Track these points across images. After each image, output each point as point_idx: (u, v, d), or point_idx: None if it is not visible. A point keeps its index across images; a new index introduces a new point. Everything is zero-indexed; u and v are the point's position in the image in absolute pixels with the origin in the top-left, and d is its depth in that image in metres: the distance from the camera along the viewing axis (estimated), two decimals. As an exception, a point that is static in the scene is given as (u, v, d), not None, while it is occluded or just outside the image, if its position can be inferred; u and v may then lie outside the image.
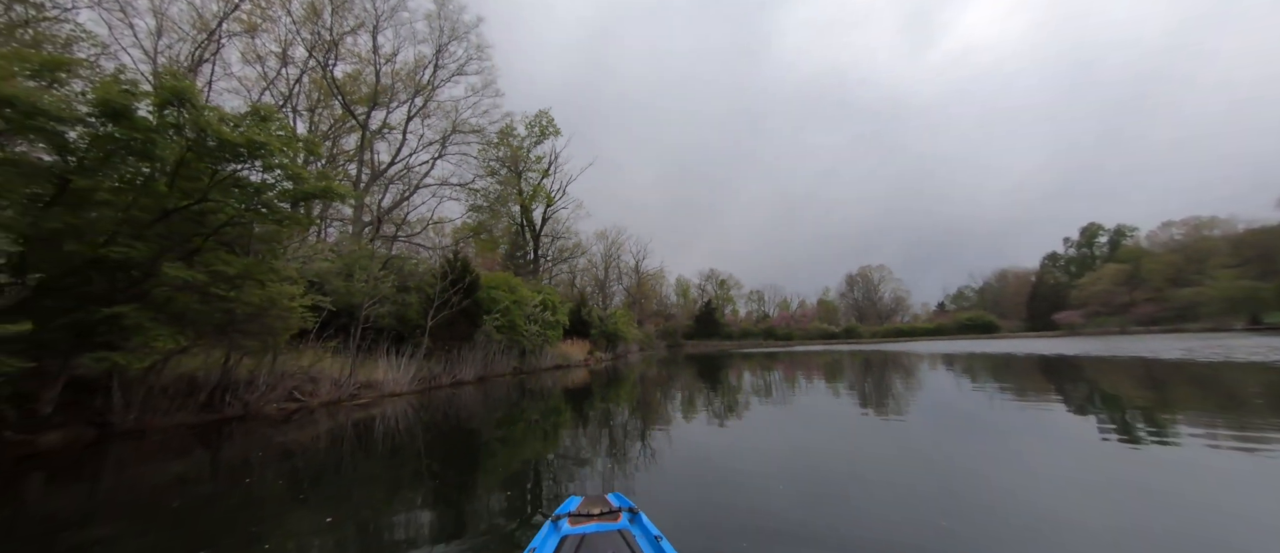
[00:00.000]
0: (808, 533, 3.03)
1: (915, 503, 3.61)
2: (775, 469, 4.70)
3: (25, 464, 5.86)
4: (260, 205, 7.29)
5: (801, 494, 3.89)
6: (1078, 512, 3.37)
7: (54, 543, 3.50)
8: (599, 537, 2.03)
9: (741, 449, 5.70)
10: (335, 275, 12.22)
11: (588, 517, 2.28)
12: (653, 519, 2.78)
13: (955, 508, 3.49)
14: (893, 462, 4.85)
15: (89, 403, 6.95)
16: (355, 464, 5.56)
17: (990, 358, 19.36)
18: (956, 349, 28.32)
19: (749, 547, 2.83)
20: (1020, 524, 3.21)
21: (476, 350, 16.13)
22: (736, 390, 11.62)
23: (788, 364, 20.79)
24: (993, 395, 9.03)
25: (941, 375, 13.22)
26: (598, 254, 51.41)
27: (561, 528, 2.20)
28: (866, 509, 3.51)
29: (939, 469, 4.51)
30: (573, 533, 2.09)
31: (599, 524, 2.19)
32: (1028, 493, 3.83)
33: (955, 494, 3.82)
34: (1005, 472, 4.41)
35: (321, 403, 10.11)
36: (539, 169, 35.27)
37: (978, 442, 5.63)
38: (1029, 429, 6.17)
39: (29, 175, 5.53)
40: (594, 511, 2.33)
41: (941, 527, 3.12)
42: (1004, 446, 5.43)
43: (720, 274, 79.88)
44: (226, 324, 7.64)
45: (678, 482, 4.41)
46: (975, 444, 5.51)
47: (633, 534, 2.07)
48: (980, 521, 3.26)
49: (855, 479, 4.31)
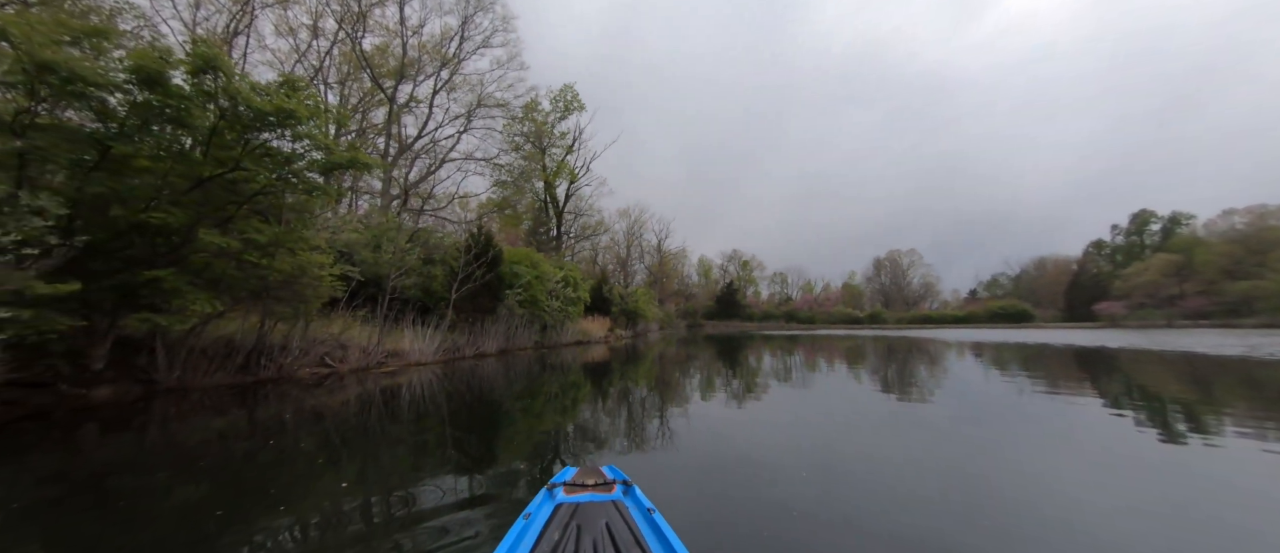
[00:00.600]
0: (817, 516, 3.02)
1: (930, 492, 3.51)
2: (789, 452, 4.62)
3: (80, 416, 6.25)
4: (290, 175, 7.42)
5: (813, 478, 3.80)
6: (1104, 510, 3.21)
7: (107, 488, 3.72)
8: (593, 506, 2.08)
9: (755, 430, 5.60)
10: (364, 246, 12.50)
11: (582, 487, 2.33)
12: (664, 496, 2.74)
13: (971, 499, 3.39)
14: (910, 451, 4.66)
15: (135, 361, 7.33)
16: (382, 429, 5.73)
17: (1023, 348, 18.65)
18: (986, 338, 27.40)
19: (756, 527, 2.82)
20: (1038, 520, 3.07)
21: (499, 324, 16.40)
22: (754, 372, 11.49)
23: (808, 347, 20.48)
24: (1022, 387, 8.69)
25: (968, 364, 12.80)
26: (620, 232, 51.39)
27: (556, 496, 2.26)
28: (878, 495, 3.42)
29: (958, 461, 4.36)
30: (567, 501, 2.14)
31: (593, 494, 2.24)
32: (1050, 489, 3.64)
33: (972, 484, 3.71)
34: (1027, 466, 4.20)
35: (351, 369, 10.47)
36: (563, 145, 35.12)
37: (1001, 433, 5.40)
38: (1058, 422, 5.89)
39: (73, 140, 5.72)
40: (589, 481, 2.38)
41: (957, 517, 3.04)
42: (1028, 438, 5.19)
43: (743, 255, 79.03)
44: (260, 290, 7.91)
45: (688, 460, 4.38)
46: (998, 436, 5.28)
47: (626, 506, 2.11)
48: (995, 514, 3.15)
49: (868, 463, 4.20)
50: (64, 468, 4.22)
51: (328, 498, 3.50)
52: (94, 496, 3.54)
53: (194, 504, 3.42)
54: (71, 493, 3.62)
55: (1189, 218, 60.09)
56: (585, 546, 1.76)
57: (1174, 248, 52.93)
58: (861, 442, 4.96)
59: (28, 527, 3.07)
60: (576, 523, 1.93)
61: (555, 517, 2.00)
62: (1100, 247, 69.13)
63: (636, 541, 1.80)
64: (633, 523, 1.94)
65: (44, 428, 5.68)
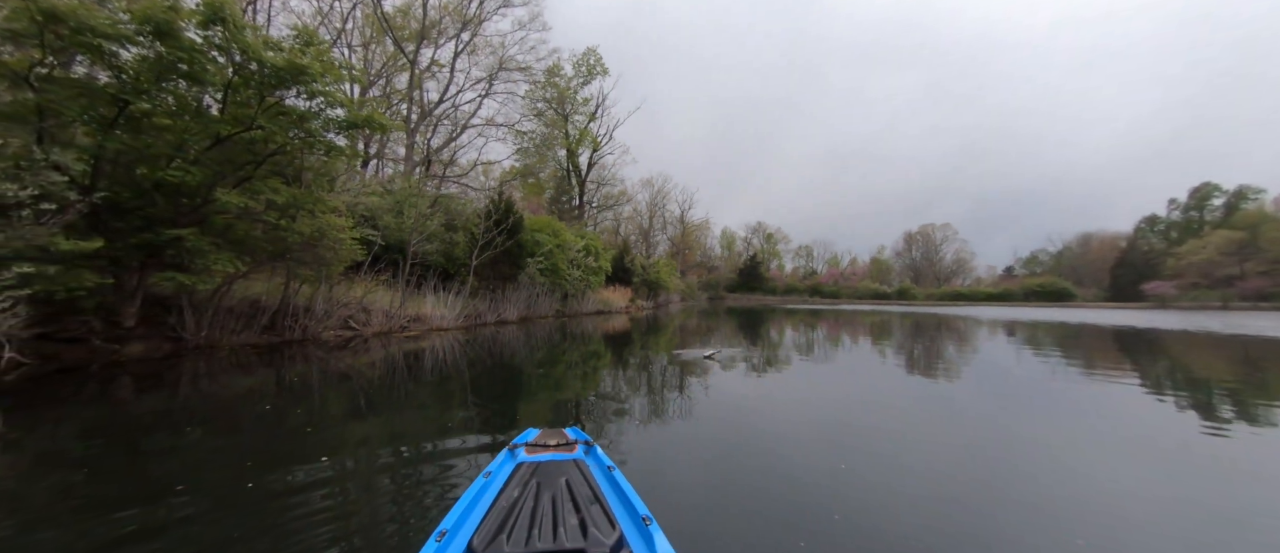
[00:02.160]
0: (828, 496, 2.91)
1: (948, 473, 3.30)
2: (803, 429, 4.44)
3: (114, 370, 6.41)
4: (307, 134, 7.27)
5: (828, 457, 3.63)
6: (1135, 495, 2.94)
7: (141, 441, 3.79)
8: (553, 465, 2.10)
9: (771, 404, 5.37)
10: (386, 212, 12.48)
11: (544, 447, 2.37)
12: (680, 476, 2.84)
13: (985, 480, 3.17)
14: (930, 430, 4.39)
15: (165, 320, 7.49)
16: (406, 391, 5.76)
17: (1061, 327, 17.68)
18: (1021, 316, 26.20)
19: (764, 504, 2.76)
20: (1061, 507, 2.81)
21: (520, 291, 16.39)
22: (775, 345, 11.17)
23: (832, 322, 19.95)
24: (1055, 367, 8.13)
25: (998, 343, 12.12)
26: (643, 202, 50.79)
27: (517, 456, 2.29)
28: (895, 479, 3.19)
29: (978, 440, 4.11)
30: (528, 461, 2.17)
31: (554, 454, 2.27)
32: (1082, 478, 3.28)
33: (989, 464, 3.46)
34: (1054, 450, 3.85)
35: (374, 333, 10.58)
36: (586, 112, 34.36)
37: (1025, 414, 5.03)
38: (1091, 407, 5.41)
39: (88, 95, 5.64)
40: (551, 442, 2.42)
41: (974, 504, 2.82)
42: (1056, 421, 4.78)
43: (768, 227, 77.41)
44: (282, 252, 7.91)
45: (700, 434, 4.25)
46: (1022, 416, 4.92)
47: (587, 464, 2.14)
48: (1012, 498, 2.92)
49: (886, 442, 3.97)
50: (101, 420, 4.34)
51: (350, 451, 3.57)
52: (131, 444, 3.66)
53: (226, 453, 3.53)
54: (112, 441, 3.74)
55: (1258, 192, 55.50)
56: (544, 502, 1.78)
57: (1238, 224, 49.11)
58: (879, 421, 4.67)
59: (75, 473, 3.14)
60: (536, 480, 1.94)
61: (515, 475, 2.02)
62: (1154, 222, 64.87)
63: (595, 496, 1.83)
64: (592, 480, 1.96)
65: (80, 382, 5.83)
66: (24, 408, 4.56)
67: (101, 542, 2.25)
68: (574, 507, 1.75)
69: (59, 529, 2.39)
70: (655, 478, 3.08)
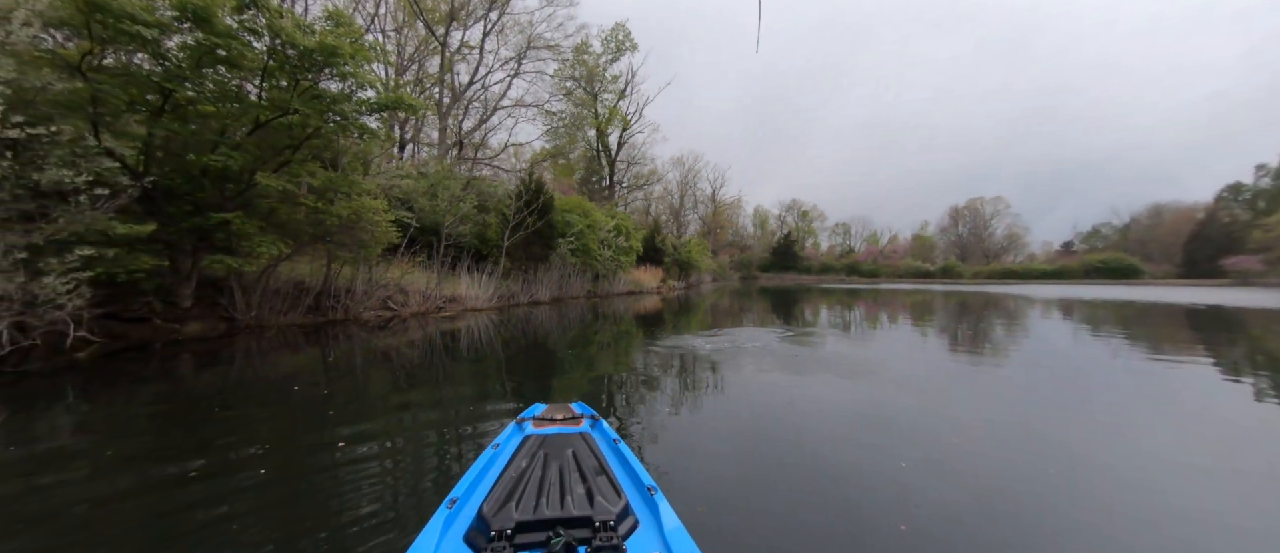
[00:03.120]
0: (854, 476, 2.82)
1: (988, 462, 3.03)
2: (832, 409, 4.24)
3: (175, 348, 6.79)
4: (340, 117, 7.35)
5: (856, 439, 3.47)
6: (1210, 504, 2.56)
7: (204, 414, 4.01)
8: (559, 438, 2.14)
9: (801, 386, 5.12)
10: (421, 195, 12.70)
11: (551, 421, 2.42)
12: (702, 451, 2.97)
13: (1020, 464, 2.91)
14: (971, 420, 4.02)
15: (217, 301, 7.87)
16: (443, 369, 5.93)
17: (1126, 306, 16.33)
18: (1080, 293, 24.44)
19: (790, 483, 2.73)
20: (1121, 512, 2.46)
21: (552, 272, 16.48)
22: (808, 326, 10.76)
23: (870, 302, 19.15)
24: (1116, 349, 7.44)
25: (1052, 323, 11.24)
26: (673, 181, 50.10)
27: (525, 429, 2.34)
28: (927, 471, 2.92)
29: (1024, 427, 3.78)
30: (535, 434, 2.20)
31: (561, 428, 2.31)
32: (1141, 478, 2.91)
33: (1031, 447, 3.19)
34: (1111, 449, 3.41)
35: (412, 313, 10.86)
36: (615, 89, 33.84)
37: (1078, 401, 4.58)
38: (1157, 395, 4.89)
39: (135, 83, 5.84)
40: (557, 416, 2.47)
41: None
42: (1114, 411, 4.29)
43: (803, 205, 75.12)
44: (322, 234, 8.13)
45: (730, 412, 4.17)
46: (1073, 403, 4.49)
47: (593, 437, 2.17)
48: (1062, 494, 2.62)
49: (920, 429, 3.70)
50: (165, 394, 4.66)
51: (391, 421, 3.78)
52: (198, 415, 3.94)
53: (285, 421, 3.82)
54: (182, 411, 4.05)
55: (1367, 155, 49.24)
56: (552, 472, 1.82)
57: (1341, 192, 43.91)
58: (918, 404, 4.38)
59: (149, 440, 3.44)
60: (543, 452, 1.98)
61: (523, 447, 2.06)
62: (1238, 191, 58.87)
63: (601, 467, 1.86)
64: (598, 452, 2.00)
65: (146, 358, 6.20)
66: (100, 382, 4.89)
67: (174, 498, 2.52)
68: (581, 477, 1.78)
69: (138, 482, 2.71)
70: (682, 458, 2.99)
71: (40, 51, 5.16)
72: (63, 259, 4.77)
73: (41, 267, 4.72)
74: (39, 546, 2.10)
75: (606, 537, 1.42)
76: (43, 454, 3.12)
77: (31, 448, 3.22)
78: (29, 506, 2.43)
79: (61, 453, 3.14)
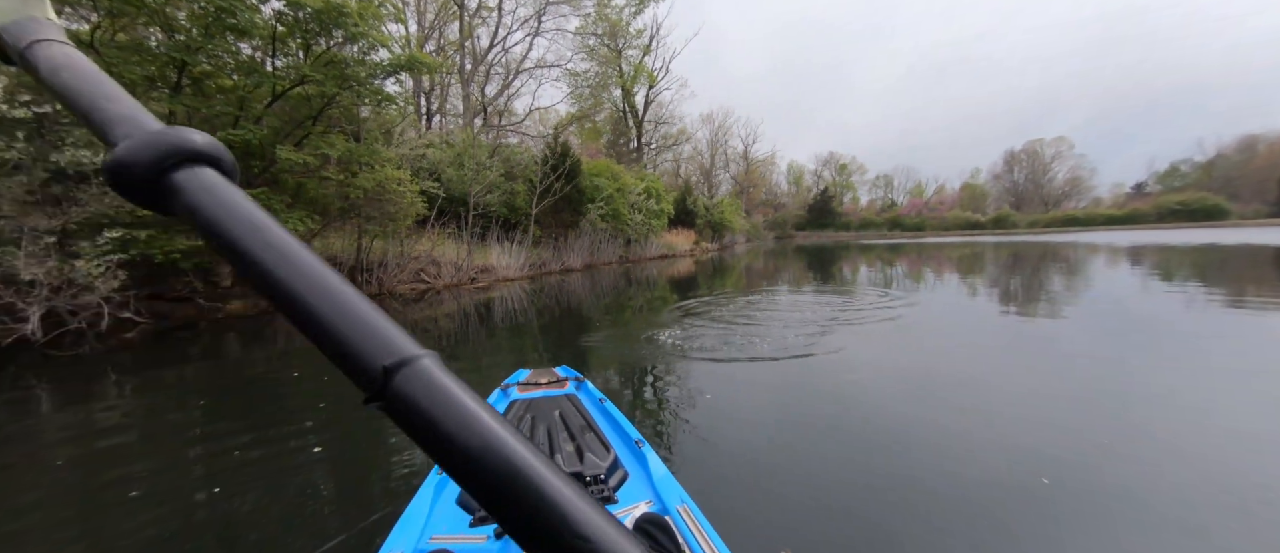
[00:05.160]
0: (890, 444, 2.62)
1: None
2: (871, 373, 3.95)
3: (219, 326, 6.93)
4: (355, 83, 7.06)
5: (892, 406, 3.19)
6: None
7: (254, 382, 4.22)
8: (546, 401, 2.16)
9: (835, 352, 4.75)
10: (448, 165, 12.51)
11: (536, 385, 2.44)
12: (729, 420, 2.95)
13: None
14: (1026, 379, 3.64)
15: (257, 278, 7.97)
16: (482, 337, 5.98)
17: (1209, 251, 14.58)
18: (1153, 239, 22.19)
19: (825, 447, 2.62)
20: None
21: (582, 239, 16.20)
22: (846, 285, 10.09)
23: (913, 257, 17.96)
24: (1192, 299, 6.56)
25: (1119, 274, 10.07)
26: (703, 139, 48.38)
27: (510, 394, 2.36)
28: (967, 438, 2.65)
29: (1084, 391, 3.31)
30: (521, 398, 2.22)
31: (546, 391, 2.34)
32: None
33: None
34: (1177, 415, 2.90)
35: (445, 285, 10.85)
36: (639, 45, 32.30)
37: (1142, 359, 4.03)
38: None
39: (147, 57, 5.69)
40: (542, 380, 2.50)
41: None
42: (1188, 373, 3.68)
43: (840, 158, 71.36)
44: (348, 208, 8.03)
45: (768, 379, 3.91)
46: (1138, 361, 3.95)
47: (579, 398, 2.20)
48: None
49: (971, 393, 3.35)
50: (218, 367, 4.85)
51: None
52: (246, 392, 4.09)
53: (325, 399, 3.85)
54: (235, 386, 4.21)
55: None
56: (540, 433, 1.84)
57: None
58: (963, 369, 4.02)
59: (206, 416, 3.54)
60: (530, 415, 1.99)
61: (509, 411, 2.07)
62: (1351, 116, 51.63)
63: (588, 425, 1.90)
64: (585, 411, 2.03)
65: (194, 336, 6.34)
66: (152, 359, 5.04)
67: (225, 462, 2.67)
68: (569, 436, 1.81)
69: (197, 449, 2.90)
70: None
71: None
72: (94, 242, 4.76)
73: (76, 250, 4.72)
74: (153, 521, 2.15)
75: (598, 489, 1.46)
76: (111, 428, 3.23)
77: (95, 423, 3.32)
78: (104, 475, 2.56)
79: (131, 427, 3.26)
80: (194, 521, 2.12)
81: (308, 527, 2.04)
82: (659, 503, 1.42)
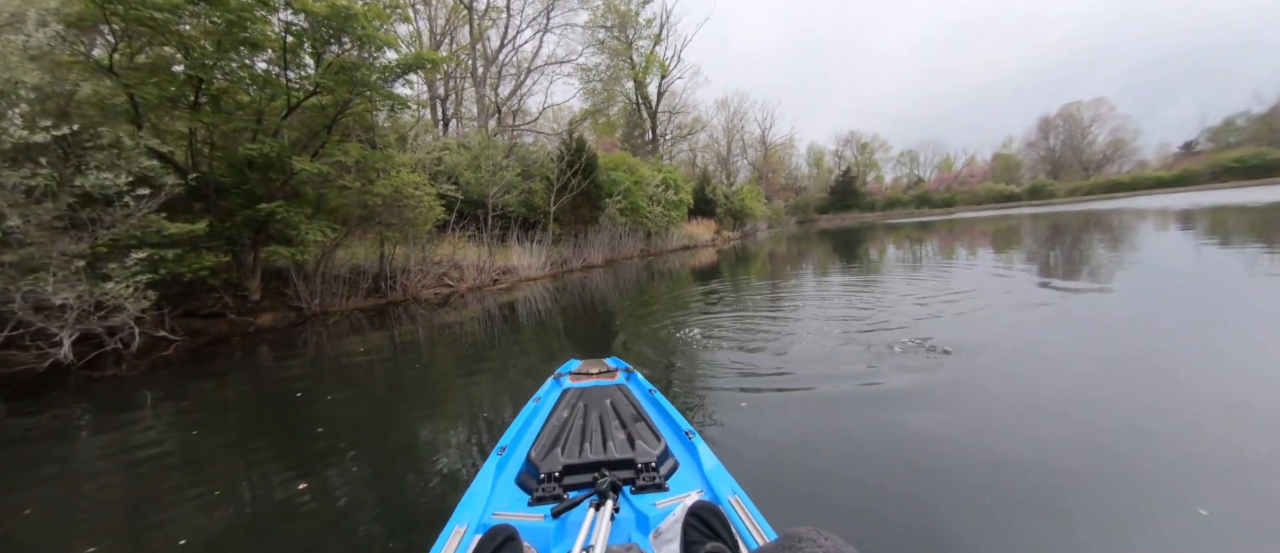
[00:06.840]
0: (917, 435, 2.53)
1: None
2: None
3: (251, 340, 7.02)
4: (365, 89, 7.01)
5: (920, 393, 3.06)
6: None
7: (288, 398, 4.23)
8: (597, 390, 2.21)
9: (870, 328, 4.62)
10: (465, 168, 12.52)
11: (587, 375, 2.50)
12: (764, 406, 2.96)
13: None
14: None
15: (283, 291, 8.06)
16: (506, 340, 5.98)
17: (1273, 211, 13.42)
18: (1207, 200, 20.63)
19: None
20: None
21: (602, 234, 16.05)
22: (871, 266, 9.66)
23: (944, 234, 17.13)
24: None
25: (1168, 239, 9.32)
26: (718, 127, 47.51)
27: (563, 383, 2.43)
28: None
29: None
30: (573, 387, 2.29)
31: (598, 381, 2.39)
32: None
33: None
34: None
35: (468, 288, 10.84)
36: (650, 34, 31.83)
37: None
38: None
39: (171, 79, 5.74)
40: (593, 370, 2.55)
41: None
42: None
43: (861, 136, 69.13)
44: (367, 215, 8.04)
45: (802, 369, 3.75)
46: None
47: (629, 388, 2.24)
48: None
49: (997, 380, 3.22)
50: (253, 379, 4.97)
51: (455, 395, 3.97)
52: (285, 400, 4.18)
53: (363, 402, 4.06)
54: (266, 397, 4.32)
55: None
56: (593, 420, 1.88)
57: None
58: (1004, 349, 3.84)
59: (243, 427, 3.68)
60: (583, 403, 2.05)
61: (563, 399, 2.14)
62: None
63: (639, 414, 1.93)
64: (635, 401, 2.07)
65: (228, 351, 6.42)
66: (190, 375, 5.14)
67: (266, 471, 2.76)
68: (620, 424, 1.84)
69: (238, 462, 2.95)
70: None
71: (75, 55, 5.12)
72: (123, 263, 4.80)
73: (107, 272, 4.77)
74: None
75: (649, 477, 1.48)
76: (142, 443, 3.30)
77: (131, 439, 3.37)
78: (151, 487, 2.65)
79: (166, 442, 3.30)
80: (246, 522, 2.21)
81: (359, 530, 2.09)
82: (710, 493, 1.41)
